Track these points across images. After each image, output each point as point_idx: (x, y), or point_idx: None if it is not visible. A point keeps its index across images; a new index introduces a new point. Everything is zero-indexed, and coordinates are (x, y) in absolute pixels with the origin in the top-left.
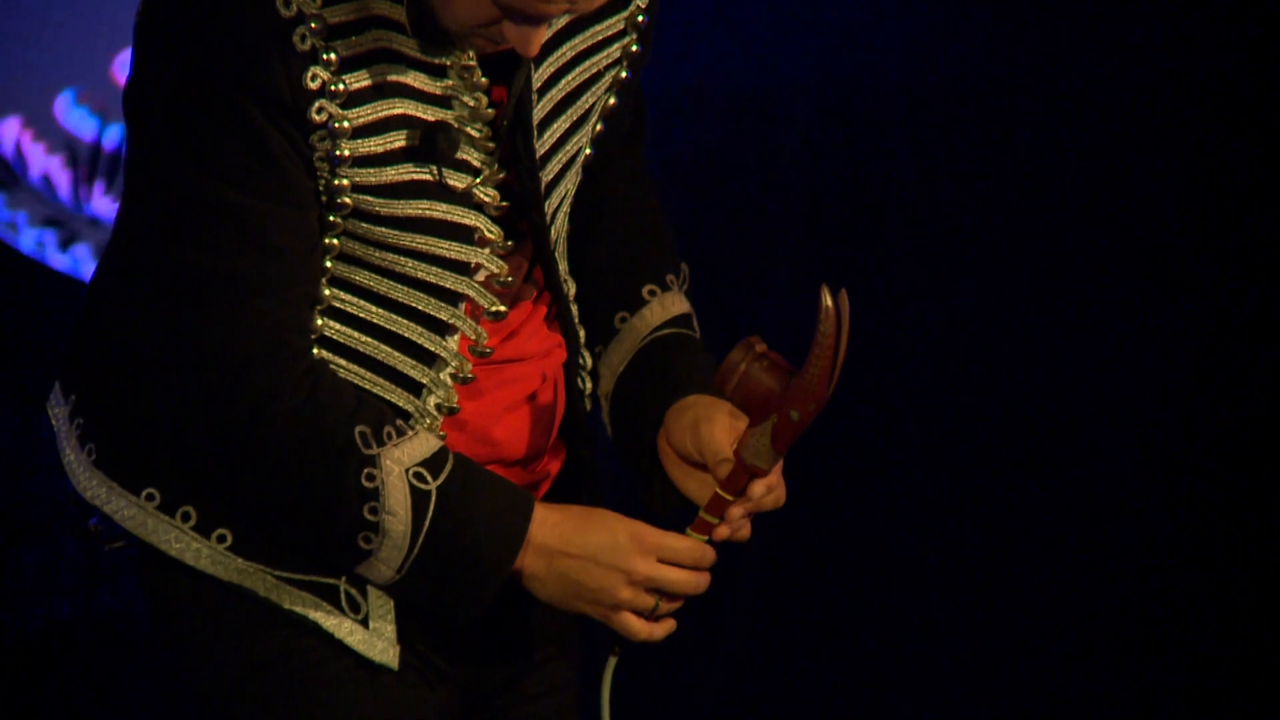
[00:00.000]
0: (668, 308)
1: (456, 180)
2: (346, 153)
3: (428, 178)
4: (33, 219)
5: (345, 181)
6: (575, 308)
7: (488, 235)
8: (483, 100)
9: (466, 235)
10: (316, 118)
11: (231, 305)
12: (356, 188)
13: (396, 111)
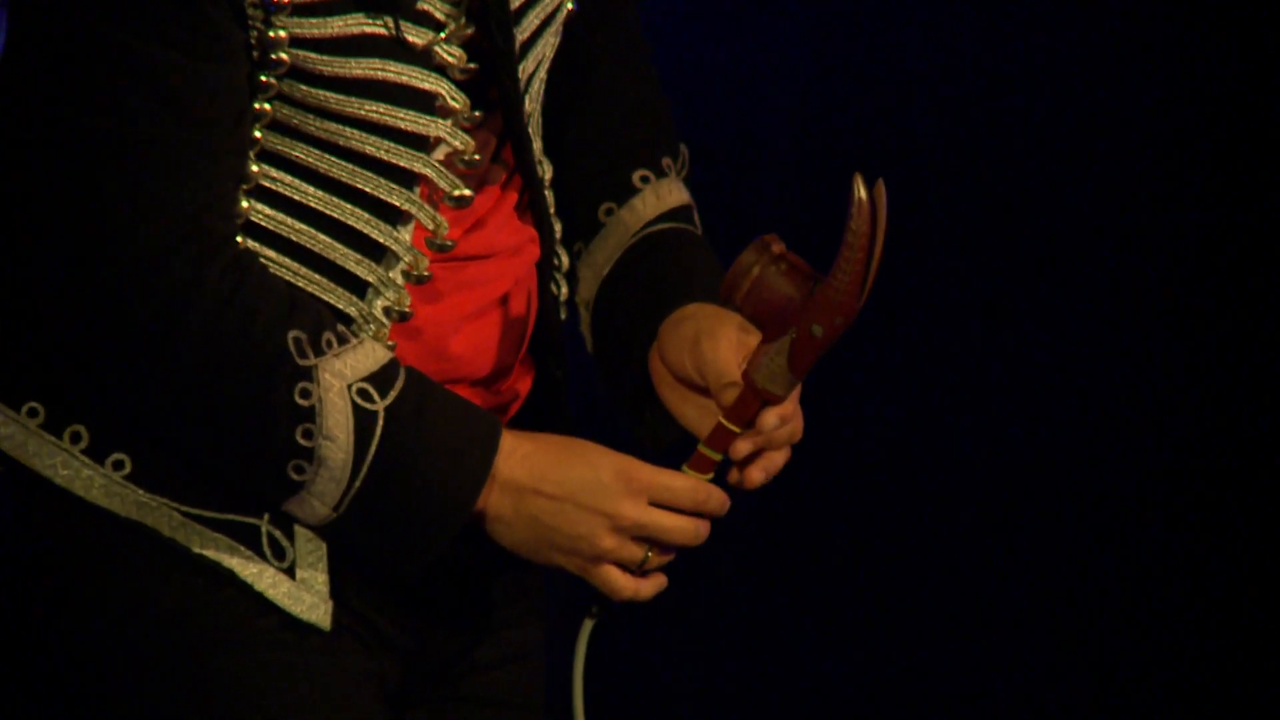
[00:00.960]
0: (663, 198)
1: (416, 35)
2: None
3: (381, 31)
4: None
5: (282, 33)
6: (551, 195)
7: (450, 104)
8: None
9: (425, 103)
10: None
11: (143, 181)
12: (295, 41)
13: None
